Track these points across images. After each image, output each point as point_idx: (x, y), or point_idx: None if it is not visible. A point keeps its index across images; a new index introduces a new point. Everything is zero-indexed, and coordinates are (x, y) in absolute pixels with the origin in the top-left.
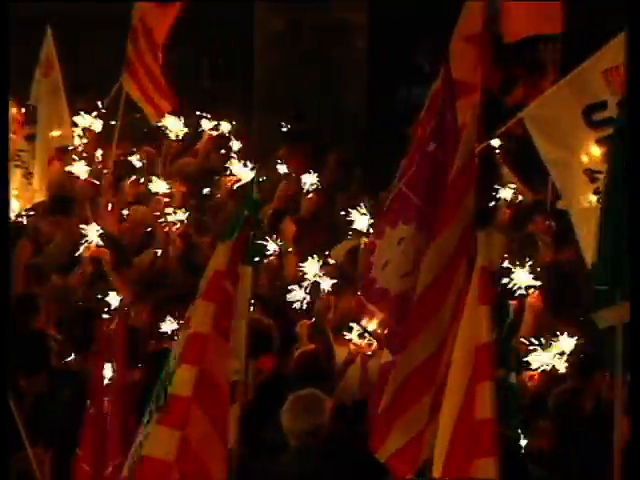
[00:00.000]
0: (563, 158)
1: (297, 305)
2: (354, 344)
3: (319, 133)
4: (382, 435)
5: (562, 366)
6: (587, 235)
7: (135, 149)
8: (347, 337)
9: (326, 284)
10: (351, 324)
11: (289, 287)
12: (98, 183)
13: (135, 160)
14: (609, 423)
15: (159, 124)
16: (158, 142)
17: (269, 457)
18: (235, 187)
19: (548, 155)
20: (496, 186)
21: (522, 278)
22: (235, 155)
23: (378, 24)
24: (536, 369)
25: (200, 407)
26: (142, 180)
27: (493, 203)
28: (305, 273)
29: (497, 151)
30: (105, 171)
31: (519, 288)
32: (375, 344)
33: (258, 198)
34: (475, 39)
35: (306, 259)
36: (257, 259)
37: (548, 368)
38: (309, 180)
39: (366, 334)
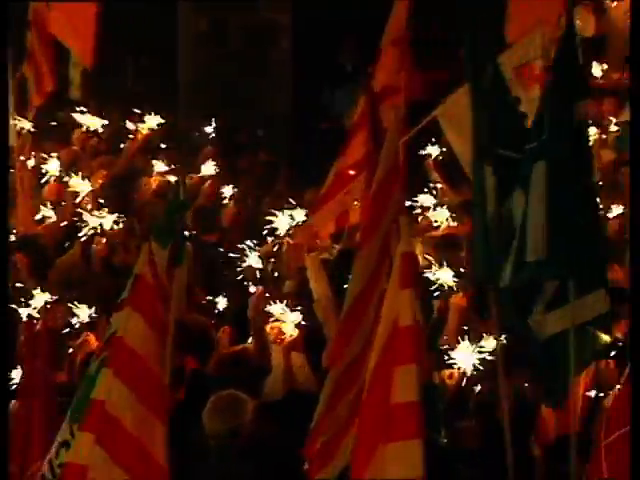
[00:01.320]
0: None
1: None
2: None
3: (245, 133)
4: (314, 440)
5: (485, 366)
6: None
7: (57, 148)
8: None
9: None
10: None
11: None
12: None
13: (56, 160)
14: (530, 422)
15: (81, 123)
16: (80, 141)
17: (192, 457)
18: (160, 187)
19: (462, 152)
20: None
21: (446, 278)
22: (160, 155)
23: (303, 24)
24: (457, 368)
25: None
26: (65, 179)
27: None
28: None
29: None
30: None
31: (443, 288)
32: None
33: (185, 200)
34: (399, 42)
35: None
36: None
37: (469, 367)
38: (227, 191)
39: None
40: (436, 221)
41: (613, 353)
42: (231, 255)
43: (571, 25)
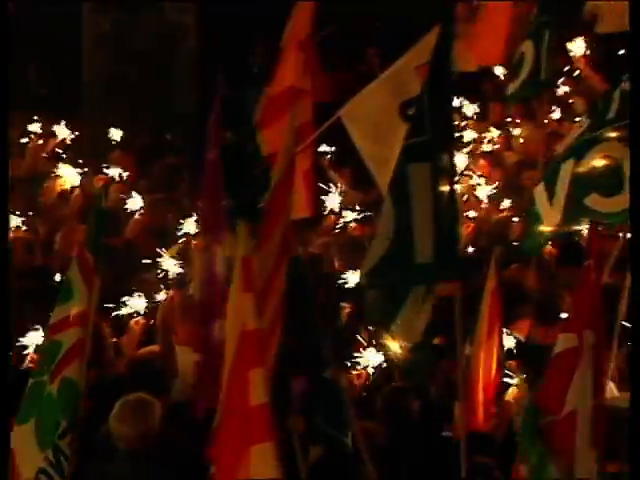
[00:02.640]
0: (381, 154)
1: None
2: None
3: (152, 136)
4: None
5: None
6: None
7: None
8: None
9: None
10: None
11: None
12: None
13: None
14: (437, 421)
15: None
16: None
17: (101, 460)
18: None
19: (367, 152)
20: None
21: (354, 280)
22: (64, 158)
23: (209, 25)
24: (364, 367)
25: None
26: None
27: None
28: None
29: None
30: None
31: (351, 289)
32: None
33: (106, 209)
34: (303, 44)
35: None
36: None
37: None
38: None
39: None
40: (345, 222)
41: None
42: (143, 260)
43: (448, 25)
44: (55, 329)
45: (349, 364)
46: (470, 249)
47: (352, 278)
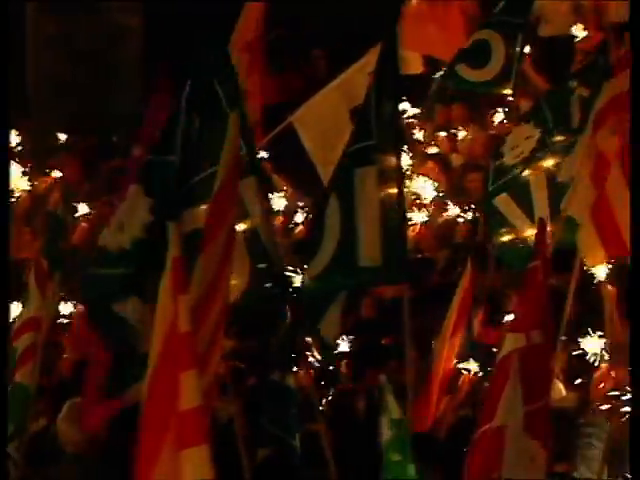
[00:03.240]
0: (332, 159)
1: None
2: None
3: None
4: None
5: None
6: None
7: None
8: None
9: None
10: None
11: None
12: None
13: None
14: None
15: None
16: None
17: (47, 464)
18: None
19: (318, 156)
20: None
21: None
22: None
23: (154, 26)
24: (311, 368)
25: None
26: None
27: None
28: None
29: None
30: None
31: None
32: None
33: (60, 216)
34: (250, 46)
35: None
36: None
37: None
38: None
39: None
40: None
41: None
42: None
43: (394, 29)
44: (15, 335)
45: (296, 365)
46: (418, 252)
47: (297, 280)
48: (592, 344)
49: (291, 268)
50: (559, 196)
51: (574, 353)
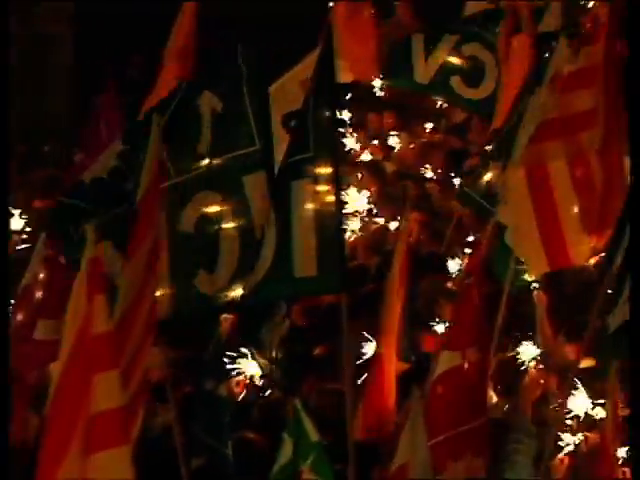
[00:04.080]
0: None
1: None
2: None
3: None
4: None
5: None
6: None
7: None
8: None
9: None
10: None
11: None
12: None
13: None
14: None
15: None
16: None
17: None
18: None
19: None
20: None
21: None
22: None
23: (85, 35)
24: (244, 376)
25: None
26: None
27: None
28: None
29: None
30: None
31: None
32: None
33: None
34: (181, 54)
35: None
36: None
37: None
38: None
39: None
40: None
41: None
42: None
43: (329, 39)
44: None
45: (229, 374)
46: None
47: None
48: (523, 351)
49: None
50: None
51: (505, 360)
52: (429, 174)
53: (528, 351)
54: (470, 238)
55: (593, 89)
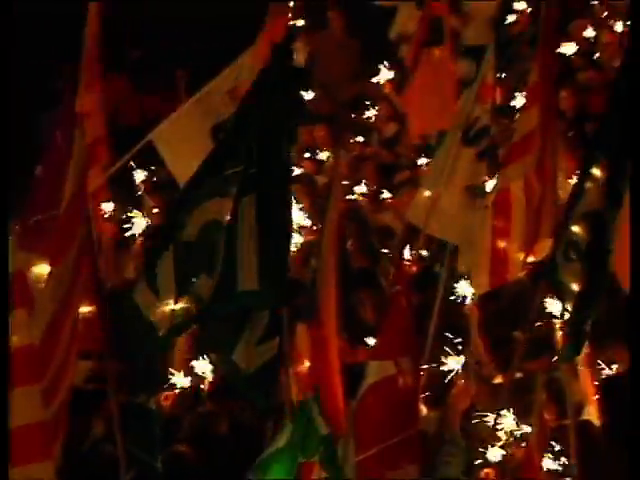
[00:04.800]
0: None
1: None
2: None
3: None
4: None
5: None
6: None
7: None
8: None
9: None
10: None
11: None
12: None
13: None
14: (245, 443)
15: None
16: None
17: None
18: None
19: (179, 175)
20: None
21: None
22: None
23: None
24: (174, 389)
25: None
26: None
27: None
28: None
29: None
30: None
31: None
32: None
33: None
34: (91, 61)
35: None
36: None
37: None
38: None
39: None
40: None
41: None
42: None
43: (280, 51)
44: None
45: (162, 387)
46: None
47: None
48: (452, 362)
49: None
50: None
51: (435, 371)
52: (360, 188)
53: (457, 363)
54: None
55: (533, 109)
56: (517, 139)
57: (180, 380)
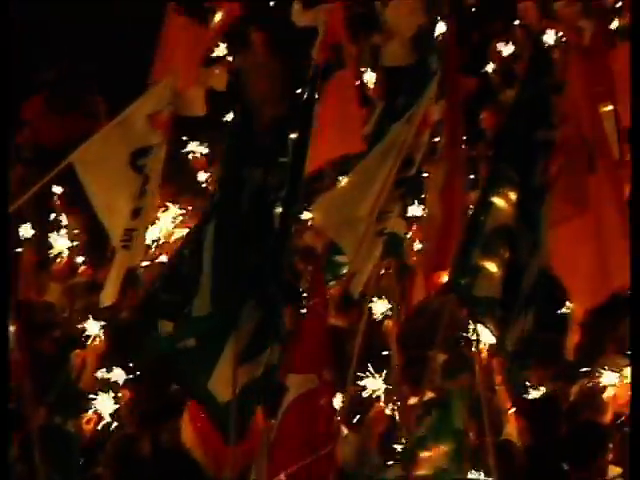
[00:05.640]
0: (111, 203)
1: None
2: None
3: None
4: None
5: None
6: None
7: None
8: None
9: None
10: None
11: None
12: None
13: None
14: (169, 465)
15: None
16: None
17: None
18: None
19: (97, 200)
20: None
21: (93, 328)
22: None
23: None
24: (95, 412)
25: None
26: None
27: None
28: None
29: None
30: None
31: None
32: None
33: None
34: None
35: None
36: None
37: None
38: None
39: None
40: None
41: None
42: None
43: (236, 75)
44: None
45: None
46: None
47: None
48: (371, 383)
49: None
50: None
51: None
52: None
53: (375, 384)
54: None
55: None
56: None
57: (101, 404)
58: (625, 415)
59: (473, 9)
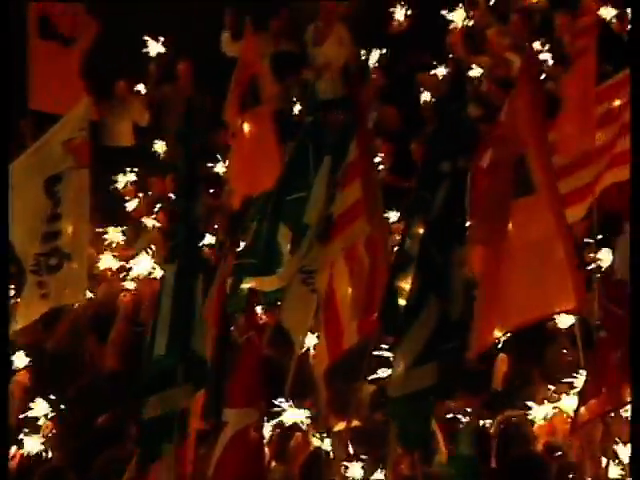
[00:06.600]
0: (26, 228)
1: None
2: None
3: None
4: None
5: None
6: None
7: None
8: None
9: None
10: None
11: None
12: None
13: None
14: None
15: None
16: None
17: None
18: None
19: (22, 228)
20: None
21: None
22: None
23: None
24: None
25: None
26: None
27: None
28: None
29: None
30: None
31: None
32: None
33: None
34: None
35: None
36: None
37: None
38: None
39: None
40: None
41: None
42: None
43: (190, 106)
44: None
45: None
46: None
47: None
48: (290, 414)
49: None
50: None
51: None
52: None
53: (296, 415)
54: None
55: (355, 182)
56: (341, 211)
57: (29, 443)
58: (562, 446)
59: (401, 40)
